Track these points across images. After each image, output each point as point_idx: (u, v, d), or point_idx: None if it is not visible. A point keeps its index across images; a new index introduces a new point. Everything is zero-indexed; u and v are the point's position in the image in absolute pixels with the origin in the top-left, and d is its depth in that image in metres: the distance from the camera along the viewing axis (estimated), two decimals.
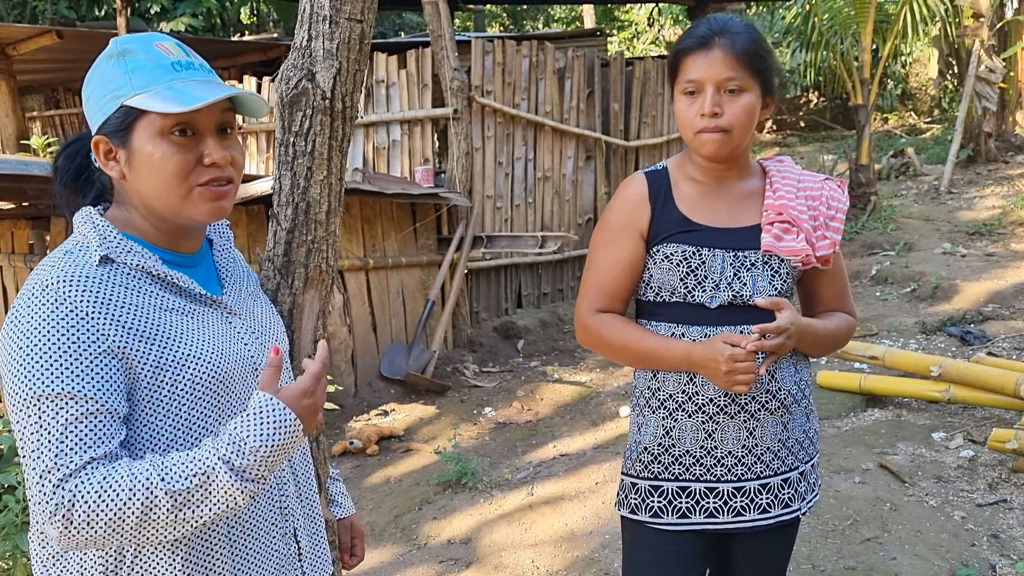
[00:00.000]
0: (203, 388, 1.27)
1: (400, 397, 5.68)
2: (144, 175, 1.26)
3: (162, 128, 1.24)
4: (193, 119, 1.26)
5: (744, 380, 1.62)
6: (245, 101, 1.32)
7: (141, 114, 1.24)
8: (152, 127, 1.24)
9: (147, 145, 1.25)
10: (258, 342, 1.40)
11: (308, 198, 1.64)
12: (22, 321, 1.18)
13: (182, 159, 1.26)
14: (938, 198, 9.78)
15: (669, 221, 1.73)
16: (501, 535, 3.64)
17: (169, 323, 1.25)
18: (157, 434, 1.24)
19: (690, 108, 1.68)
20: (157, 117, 1.24)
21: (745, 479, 1.74)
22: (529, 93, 6.94)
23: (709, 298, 1.70)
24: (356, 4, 1.60)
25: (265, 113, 1.43)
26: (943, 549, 3.13)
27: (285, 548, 1.39)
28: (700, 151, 1.71)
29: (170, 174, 1.25)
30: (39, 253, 5.82)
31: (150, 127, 1.24)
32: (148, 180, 1.26)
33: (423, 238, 6.24)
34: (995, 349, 5.33)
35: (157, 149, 1.25)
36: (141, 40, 1.30)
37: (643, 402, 1.80)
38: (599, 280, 1.77)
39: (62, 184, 1.37)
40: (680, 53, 1.70)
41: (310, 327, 1.70)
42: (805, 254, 1.71)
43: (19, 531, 2.65)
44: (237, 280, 1.45)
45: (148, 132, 1.25)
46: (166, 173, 1.25)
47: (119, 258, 1.25)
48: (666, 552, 1.77)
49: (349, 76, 1.62)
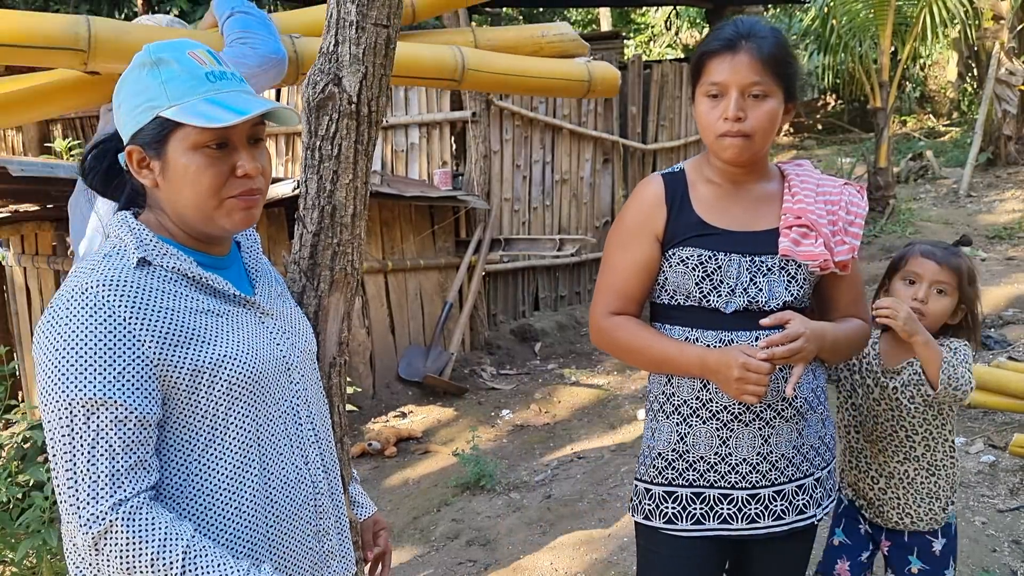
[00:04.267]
0: (239, 389, 1.29)
1: (418, 399, 5.71)
2: (178, 186, 1.28)
3: (197, 141, 1.26)
4: (227, 132, 1.28)
5: (753, 391, 1.60)
6: (278, 113, 1.34)
7: (176, 126, 1.26)
8: (187, 140, 1.26)
9: (182, 158, 1.27)
10: (289, 342, 1.42)
11: (334, 201, 1.66)
12: (60, 324, 1.20)
13: (216, 172, 1.28)
14: (957, 201, 9.70)
15: (685, 224, 1.71)
16: (519, 537, 3.65)
17: (205, 325, 1.28)
18: (194, 436, 1.26)
19: (712, 111, 1.66)
20: (193, 130, 1.25)
21: (760, 486, 1.72)
22: (547, 96, 6.96)
23: (724, 303, 1.68)
24: (383, 10, 1.62)
25: (296, 122, 1.45)
26: (963, 555, 3.11)
27: (319, 546, 1.41)
28: (721, 155, 1.69)
29: (205, 187, 1.28)
30: (62, 255, 5.89)
31: (185, 140, 1.26)
32: (182, 191, 1.28)
33: (441, 241, 6.27)
34: (1016, 354, 5.28)
35: (192, 162, 1.27)
36: (174, 48, 1.31)
37: (657, 407, 1.78)
38: (614, 282, 1.76)
39: (95, 185, 1.39)
40: (705, 55, 1.67)
41: (335, 329, 1.72)
42: (823, 259, 1.68)
43: (46, 527, 2.69)
44: (266, 281, 1.47)
45: (184, 144, 1.26)
46: (201, 186, 1.27)
47: (156, 260, 1.28)
48: (680, 558, 1.76)
49: (375, 81, 1.64)
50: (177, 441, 1.25)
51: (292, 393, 1.40)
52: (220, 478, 1.28)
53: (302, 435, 1.41)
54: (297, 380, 1.42)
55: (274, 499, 1.34)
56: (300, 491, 1.38)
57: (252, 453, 1.31)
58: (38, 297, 6.13)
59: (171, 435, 1.25)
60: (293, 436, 1.39)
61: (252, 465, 1.31)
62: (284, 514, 1.35)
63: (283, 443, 1.36)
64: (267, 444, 1.33)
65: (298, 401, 1.41)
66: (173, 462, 1.26)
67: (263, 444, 1.33)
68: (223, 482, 1.28)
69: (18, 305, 6.33)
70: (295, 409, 1.40)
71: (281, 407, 1.37)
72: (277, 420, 1.36)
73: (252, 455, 1.31)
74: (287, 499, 1.36)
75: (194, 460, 1.26)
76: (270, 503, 1.33)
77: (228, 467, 1.28)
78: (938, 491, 2.08)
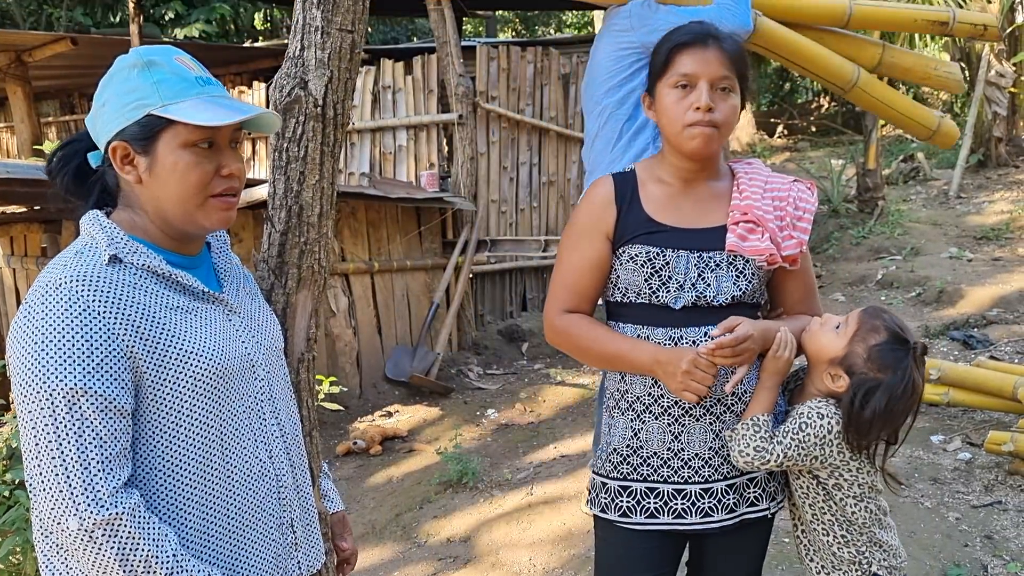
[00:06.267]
0: (204, 384, 1.33)
1: (404, 399, 5.75)
2: (165, 182, 1.33)
3: (187, 140, 1.32)
4: (214, 133, 1.34)
5: (695, 389, 1.64)
6: (263, 118, 1.41)
7: (167, 124, 1.31)
8: (179, 138, 1.32)
9: (171, 155, 1.32)
10: (254, 340, 1.46)
11: (301, 201, 1.70)
12: (35, 318, 1.24)
13: (204, 170, 1.34)
14: (947, 203, 9.75)
15: (634, 222, 1.74)
16: (500, 534, 3.69)
17: (173, 321, 1.32)
18: (157, 429, 1.30)
19: (681, 102, 1.68)
20: (184, 128, 1.31)
21: (712, 480, 1.75)
22: (534, 99, 7.01)
23: (673, 299, 1.71)
24: (347, 16, 1.66)
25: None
26: (935, 549, 3.16)
27: (282, 537, 1.45)
28: (685, 146, 1.70)
29: (192, 183, 1.33)
30: (52, 256, 5.91)
31: (176, 137, 1.32)
32: (168, 187, 1.33)
33: (428, 242, 6.31)
34: (998, 353, 5.33)
35: (181, 159, 1.32)
36: (162, 52, 1.37)
37: (612, 404, 1.81)
38: (566, 281, 1.79)
39: (64, 186, 1.42)
40: (675, 48, 1.70)
41: (303, 326, 1.76)
42: (769, 253, 1.71)
43: (30, 526, 2.73)
44: (235, 280, 1.51)
45: (175, 142, 1.32)
46: (188, 182, 1.33)
47: (126, 258, 1.32)
48: (634, 551, 1.79)
49: (340, 84, 1.68)
50: (141, 433, 1.29)
51: (256, 389, 1.43)
52: (182, 470, 1.31)
53: (266, 430, 1.44)
54: (262, 376, 1.45)
55: (236, 491, 1.37)
56: (263, 484, 1.41)
57: (214, 447, 1.35)
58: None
59: (139, 428, 1.29)
60: (257, 431, 1.42)
61: (214, 458, 1.35)
62: (246, 506, 1.38)
63: (246, 437, 1.40)
64: (230, 438, 1.37)
65: (262, 397, 1.45)
66: (137, 454, 1.29)
67: (226, 438, 1.36)
68: (185, 474, 1.31)
69: (7, 306, 6.36)
70: (259, 404, 1.44)
71: (245, 402, 1.40)
72: (241, 415, 1.39)
73: (214, 448, 1.35)
74: (250, 492, 1.39)
75: (157, 453, 1.30)
76: (232, 495, 1.36)
77: (191, 460, 1.32)
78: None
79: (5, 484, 3.05)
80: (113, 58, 1.39)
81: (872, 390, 1.68)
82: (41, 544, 1.32)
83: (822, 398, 1.76)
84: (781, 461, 1.71)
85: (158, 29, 11.65)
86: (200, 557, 1.32)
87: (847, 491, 1.78)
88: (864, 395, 1.68)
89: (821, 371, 1.76)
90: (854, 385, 1.71)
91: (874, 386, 1.69)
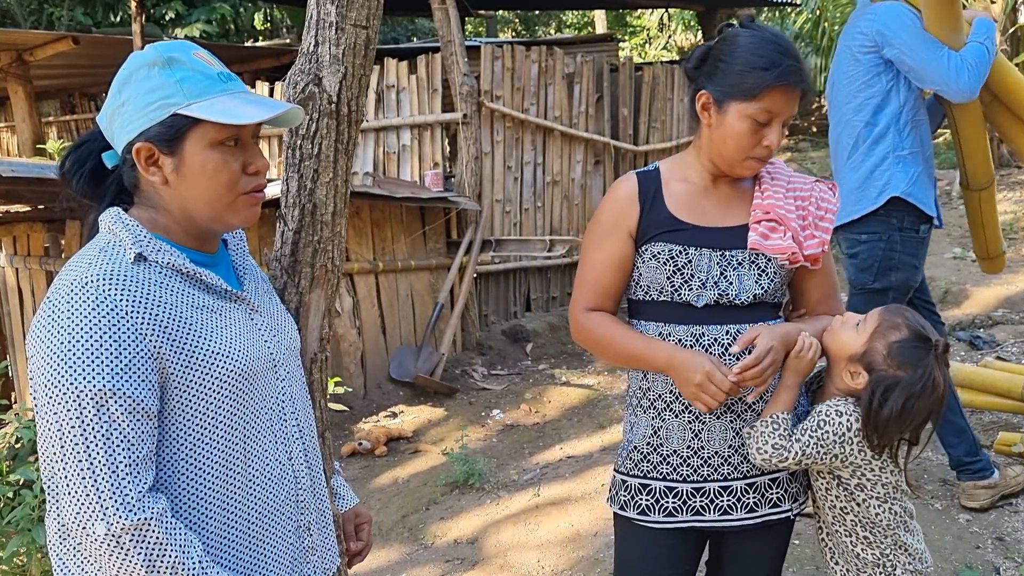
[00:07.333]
0: (230, 385, 1.30)
1: (409, 399, 5.73)
2: (194, 183, 1.30)
3: (215, 138, 1.29)
4: (240, 130, 1.31)
5: (706, 402, 1.64)
6: (287, 113, 1.38)
7: (194, 123, 1.28)
8: (206, 137, 1.29)
9: (199, 155, 1.29)
10: (275, 339, 1.44)
11: (314, 199, 1.68)
12: (61, 317, 1.20)
13: (232, 169, 1.31)
14: (949, 203, 9.74)
15: (657, 220, 1.74)
16: (507, 535, 3.67)
17: (200, 320, 1.29)
18: (181, 431, 1.27)
19: (754, 135, 1.66)
20: (212, 127, 1.28)
21: (732, 478, 1.75)
22: (538, 98, 6.99)
23: (695, 297, 1.71)
24: (361, 11, 1.64)
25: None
26: (947, 551, 3.14)
27: (299, 541, 1.43)
28: (739, 170, 1.72)
29: (223, 183, 1.31)
30: (54, 255, 5.91)
31: (204, 137, 1.29)
32: (197, 188, 1.30)
33: (432, 242, 6.29)
34: (1004, 354, 5.32)
35: (210, 159, 1.29)
36: (181, 48, 1.33)
37: (635, 402, 1.82)
38: (590, 278, 1.80)
39: (79, 188, 1.38)
40: (768, 83, 1.63)
41: (316, 325, 1.74)
42: (791, 252, 1.71)
43: (35, 525, 2.71)
44: (253, 278, 1.49)
45: (203, 141, 1.29)
46: (219, 182, 1.30)
47: (151, 256, 1.29)
48: (653, 548, 1.80)
49: (355, 81, 1.66)
50: (164, 436, 1.26)
51: (278, 389, 1.42)
52: (204, 473, 1.29)
53: (287, 431, 1.42)
54: (283, 376, 1.43)
55: (256, 495, 1.35)
56: (282, 487, 1.40)
57: (237, 449, 1.32)
58: (30, 298, 6.14)
59: (164, 429, 1.26)
60: (278, 432, 1.40)
61: (237, 460, 1.32)
62: (266, 509, 1.36)
63: (268, 439, 1.38)
64: (252, 440, 1.35)
65: (283, 397, 1.43)
66: (159, 457, 1.26)
67: (248, 440, 1.34)
68: (207, 477, 1.29)
69: (10, 306, 6.34)
70: (280, 405, 1.42)
71: (267, 403, 1.39)
72: (263, 416, 1.37)
73: (237, 451, 1.32)
74: (269, 494, 1.37)
75: (180, 455, 1.27)
76: (252, 499, 1.34)
77: (213, 462, 1.30)
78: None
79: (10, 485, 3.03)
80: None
81: (891, 387, 1.67)
82: (57, 547, 1.30)
83: (842, 396, 1.75)
84: (799, 459, 1.69)
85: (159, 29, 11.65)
86: (219, 562, 1.30)
87: (870, 491, 1.76)
88: (883, 392, 1.67)
89: (841, 368, 1.75)
90: (873, 382, 1.69)
91: (893, 383, 1.67)
